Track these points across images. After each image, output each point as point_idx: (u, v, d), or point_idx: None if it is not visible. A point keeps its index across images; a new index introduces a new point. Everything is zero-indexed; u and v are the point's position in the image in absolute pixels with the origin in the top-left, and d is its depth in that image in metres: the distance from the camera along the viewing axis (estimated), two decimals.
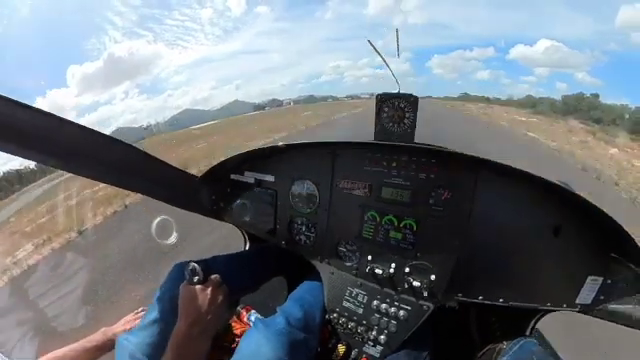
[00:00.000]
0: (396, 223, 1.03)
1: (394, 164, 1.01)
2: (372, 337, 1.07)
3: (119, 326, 1.23)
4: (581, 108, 23.57)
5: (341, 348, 1.10)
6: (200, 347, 0.86)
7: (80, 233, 5.40)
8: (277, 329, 0.92)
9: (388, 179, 1.02)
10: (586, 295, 0.89)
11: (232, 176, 1.33)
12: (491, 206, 0.92)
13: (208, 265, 0.95)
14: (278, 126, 16.77)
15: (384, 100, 1.01)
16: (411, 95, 1.01)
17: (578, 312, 0.91)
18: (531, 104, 29.82)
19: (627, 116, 19.59)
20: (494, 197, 0.91)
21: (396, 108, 1.01)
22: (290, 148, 1.17)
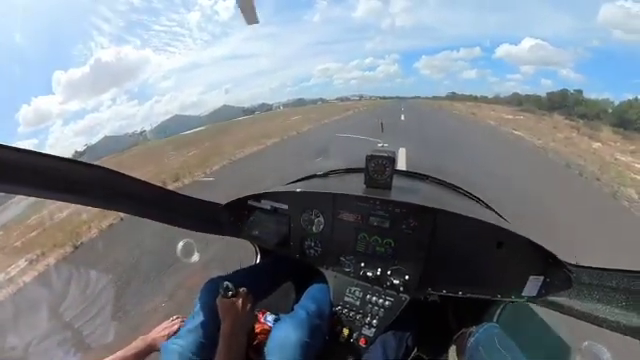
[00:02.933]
0: (380, 241, 1.40)
1: (378, 202, 1.36)
2: (367, 322, 1.42)
3: (157, 333, 1.36)
4: (566, 104, 23.99)
5: (345, 331, 1.45)
6: (241, 340, 1.14)
7: (76, 247, 5.32)
8: (300, 319, 1.23)
9: (374, 212, 1.38)
10: (530, 289, 1.19)
11: (249, 202, 1.62)
12: (447, 229, 1.26)
13: (235, 281, 1.21)
14: (269, 131, 16.64)
15: (371, 158, 1.38)
16: (389, 156, 1.36)
17: (526, 302, 1.22)
18: (517, 101, 30.29)
19: (610, 110, 20.01)
20: (448, 225, 1.25)
21: (379, 164, 1.38)
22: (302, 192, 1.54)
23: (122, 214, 6.15)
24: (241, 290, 1.20)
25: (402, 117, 18.63)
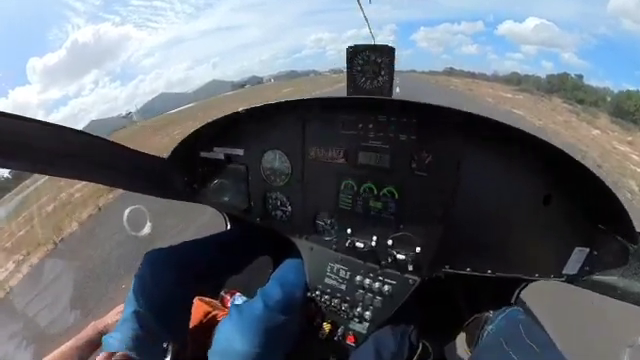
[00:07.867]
0: (376, 191, 0.95)
1: (371, 125, 0.90)
2: (357, 314, 1.05)
3: (110, 317, 1.16)
4: (565, 88, 23.97)
5: (327, 326, 1.08)
6: None
7: (56, 244, 5.13)
8: (253, 316, 0.89)
9: (365, 142, 0.92)
10: (573, 265, 0.86)
11: (202, 154, 1.24)
12: (479, 171, 0.84)
13: (199, 254, 1.05)
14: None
15: (356, 53, 0.88)
16: (386, 45, 0.87)
17: (564, 282, 0.89)
18: (516, 81, 30.13)
19: (609, 99, 20.12)
20: (482, 161, 0.83)
21: (370, 62, 0.88)
22: (252, 112, 1.01)
23: (100, 203, 5.85)
24: None
25: (397, 89, 18.26)
